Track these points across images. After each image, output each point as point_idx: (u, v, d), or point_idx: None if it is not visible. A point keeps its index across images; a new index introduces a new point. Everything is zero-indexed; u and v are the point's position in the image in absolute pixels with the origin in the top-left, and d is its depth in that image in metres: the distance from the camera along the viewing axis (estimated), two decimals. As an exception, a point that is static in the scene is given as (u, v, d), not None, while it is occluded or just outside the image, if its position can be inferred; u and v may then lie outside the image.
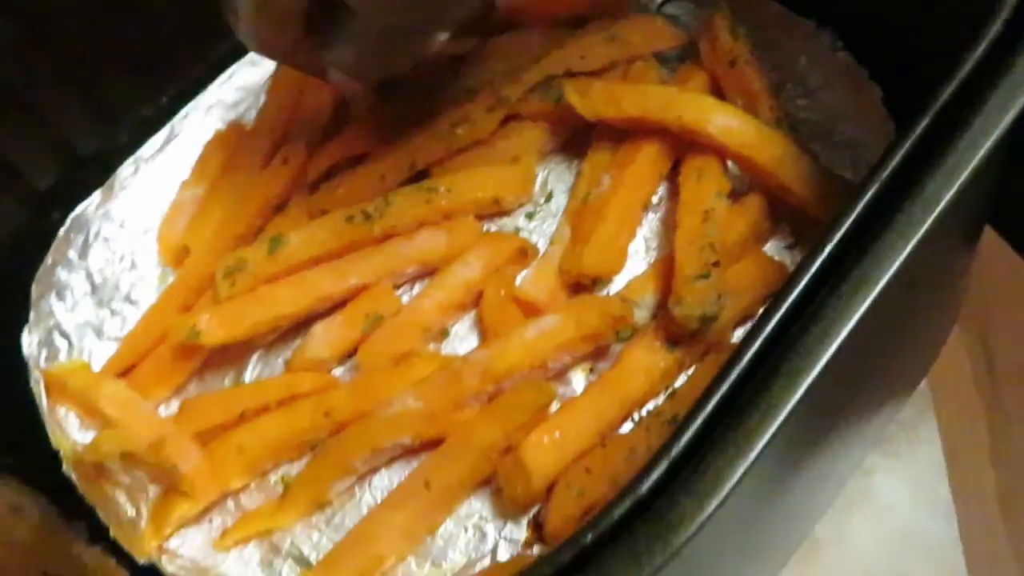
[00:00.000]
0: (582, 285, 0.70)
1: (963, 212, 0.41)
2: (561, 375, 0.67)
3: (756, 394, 0.35)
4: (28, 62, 0.72)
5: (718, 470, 0.34)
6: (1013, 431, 0.76)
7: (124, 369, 0.71)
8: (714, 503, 0.33)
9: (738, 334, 0.68)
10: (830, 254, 0.38)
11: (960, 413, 0.75)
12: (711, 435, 0.36)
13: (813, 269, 0.38)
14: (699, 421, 0.36)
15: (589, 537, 0.35)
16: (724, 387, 0.37)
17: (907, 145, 0.40)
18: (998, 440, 0.74)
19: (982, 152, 0.38)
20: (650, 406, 0.65)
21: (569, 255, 0.69)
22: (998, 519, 0.71)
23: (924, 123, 0.40)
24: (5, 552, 0.48)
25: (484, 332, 0.70)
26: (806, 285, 0.38)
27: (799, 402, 0.34)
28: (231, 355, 0.72)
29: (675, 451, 0.35)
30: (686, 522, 0.33)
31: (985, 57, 0.41)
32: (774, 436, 0.34)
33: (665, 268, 0.67)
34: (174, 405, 0.71)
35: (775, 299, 0.38)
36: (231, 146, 0.78)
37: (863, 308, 0.35)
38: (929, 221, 0.36)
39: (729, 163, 0.70)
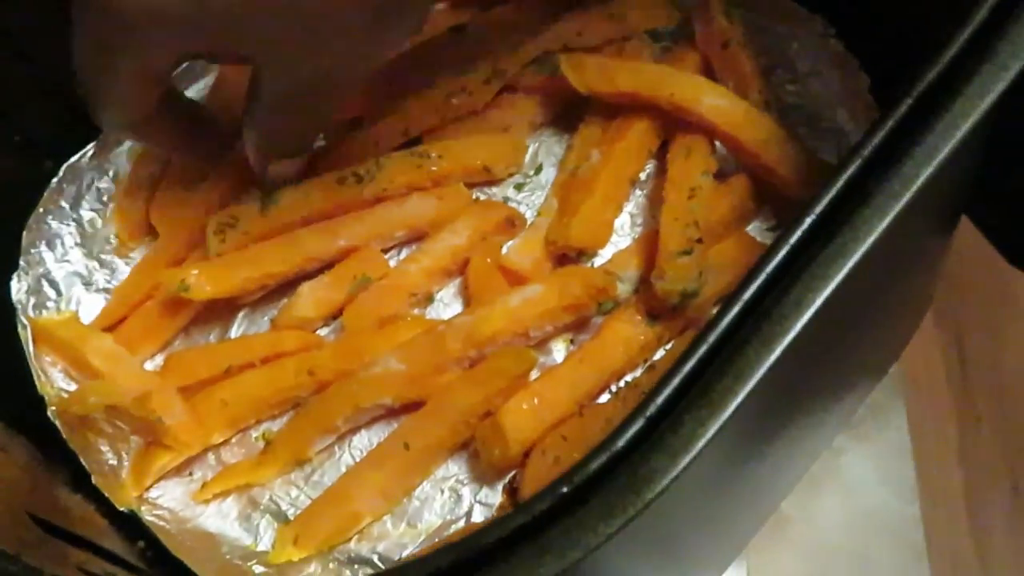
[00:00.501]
0: (567, 257, 0.71)
1: (940, 194, 0.42)
2: (542, 344, 0.68)
3: (729, 358, 0.37)
4: (26, 10, 0.72)
5: (691, 428, 0.35)
6: (982, 431, 0.78)
7: (113, 323, 0.72)
8: (686, 459, 0.34)
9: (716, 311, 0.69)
10: (808, 228, 0.39)
11: (931, 411, 0.77)
12: (686, 396, 0.37)
13: (791, 241, 0.39)
14: (675, 382, 0.37)
15: (564, 488, 0.36)
16: (700, 351, 0.38)
17: (888, 125, 0.41)
18: (967, 440, 0.76)
19: (961, 133, 0.39)
20: (628, 378, 0.67)
21: (556, 226, 0.70)
22: (963, 518, 0.73)
23: (906, 104, 0.41)
24: (-8, 486, 0.49)
25: (469, 299, 0.71)
26: (783, 257, 0.39)
27: (771, 368, 0.36)
28: (217, 312, 0.73)
29: (650, 410, 0.36)
30: (658, 477, 0.34)
31: (969, 42, 0.42)
32: (746, 399, 0.35)
33: (649, 243, 0.69)
34: (159, 360, 0.72)
35: (753, 269, 0.39)
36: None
37: (837, 279, 0.37)
38: (906, 198, 0.37)
39: (717, 144, 0.71)
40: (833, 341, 0.44)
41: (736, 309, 0.38)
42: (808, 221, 0.39)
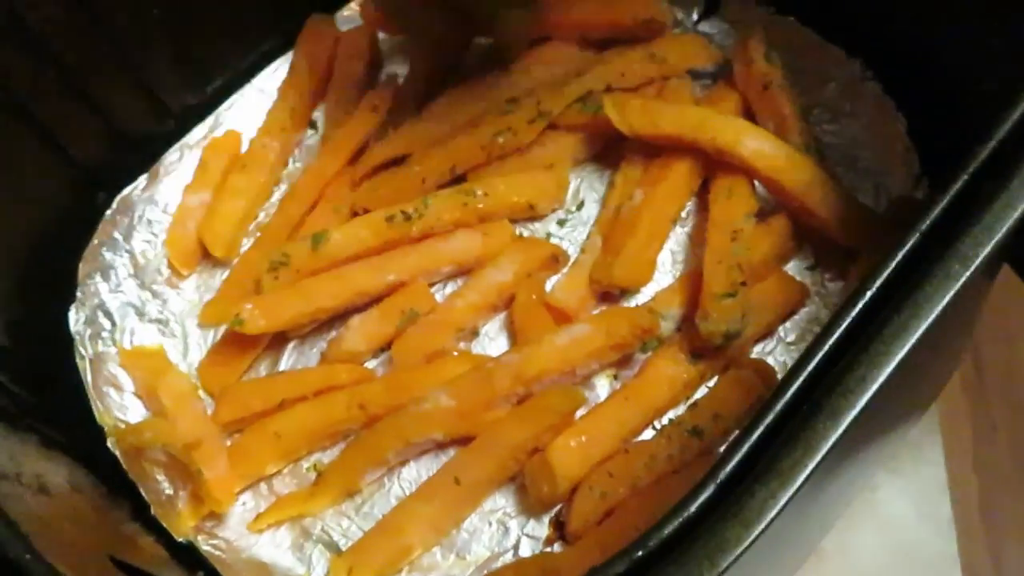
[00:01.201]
0: (610, 294, 0.73)
1: (994, 259, 0.44)
2: (586, 380, 0.70)
3: (797, 431, 0.38)
4: (85, 47, 0.74)
5: (762, 499, 0.37)
6: (998, 438, 0.79)
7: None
8: (758, 529, 0.36)
9: (757, 350, 0.71)
10: (868, 301, 0.41)
11: (949, 420, 0.78)
12: (755, 465, 0.39)
13: (852, 315, 0.41)
14: (744, 449, 0.39)
15: (639, 552, 0.38)
16: (767, 419, 0.40)
17: (945, 201, 0.42)
18: (982, 447, 0.77)
19: (1019, 212, 0.40)
20: (671, 415, 0.69)
21: (600, 265, 0.72)
22: (979, 526, 0.74)
23: (962, 180, 0.43)
24: (73, 530, 0.50)
25: (514, 334, 0.73)
26: (844, 330, 0.41)
27: (839, 438, 0.37)
28: (269, 343, 0.75)
29: (721, 476, 0.38)
30: (731, 546, 0.36)
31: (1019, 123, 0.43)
32: (815, 469, 0.37)
33: (691, 283, 0.70)
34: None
35: (815, 341, 0.41)
36: (229, 152, 0.81)
37: (901, 355, 0.38)
38: (966, 275, 0.39)
39: (756, 183, 0.73)
40: (890, 402, 0.46)
41: (800, 380, 0.40)
42: (868, 295, 0.41)
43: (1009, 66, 0.61)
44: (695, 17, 0.84)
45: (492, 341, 0.74)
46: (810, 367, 0.40)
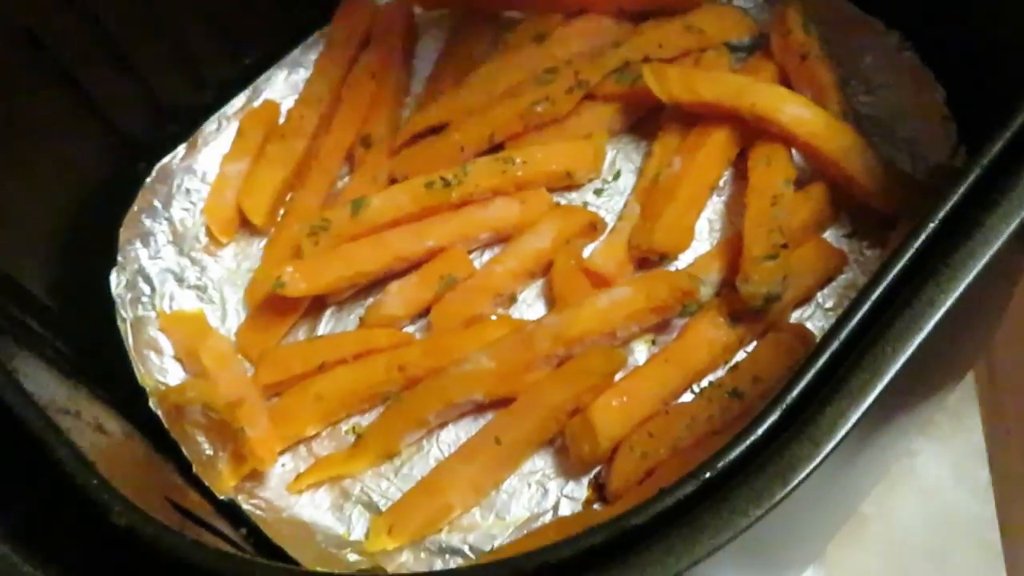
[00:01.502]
0: (649, 260, 0.73)
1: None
2: (624, 344, 0.70)
3: (864, 354, 0.39)
4: (130, 18, 0.74)
5: (832, 419, 0.37)
6: (1012, 442, 0.79)
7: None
8: (828, 447, 0.36)
9: (795, 315, 0.71)
10: (932, 232, 0.41)
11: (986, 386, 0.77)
12: (818, 392, 0.39)
13: (915, 245, 0.41)
14: (810, 374, 0.39)
15: (708, 474, 0.38)
16: (832, 347, 0.40)
17: (988, 158, 0.43)
18: (995, 450, 0.76)
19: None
20: (710, 378, 0.69)
21: (639, 231, 0.72)
22: (991, 508, 0.74)
23: (1005, 138, 0.43)
24: (133, 468, 0.51)
25: (553, 300, 0.73)
26: (909, 260, 0.41)
27: (904, 365, 0.38)
28: (307, 309, 0.75)
29: (788, 400, 0.38)
30: (802, 464, 0.36)
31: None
32: (882, 392, 0.37)
33: (730, 248, 0.71)
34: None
35: (879, 270, 0.41)
36: (267, 122, 0.82)
37: (959, 290, 0.39)
38: (1010, 229, 0.39)
39: (794, 152, 0.73)
40: (944, 345, 0.46)
41: (866, 307, 0.40)
42: (924, 234, 0.41)
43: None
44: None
45: (530, 307, 0.74)
46: (873, 296, 0.41)
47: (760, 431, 0.38)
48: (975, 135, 0.73)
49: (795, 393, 0.39)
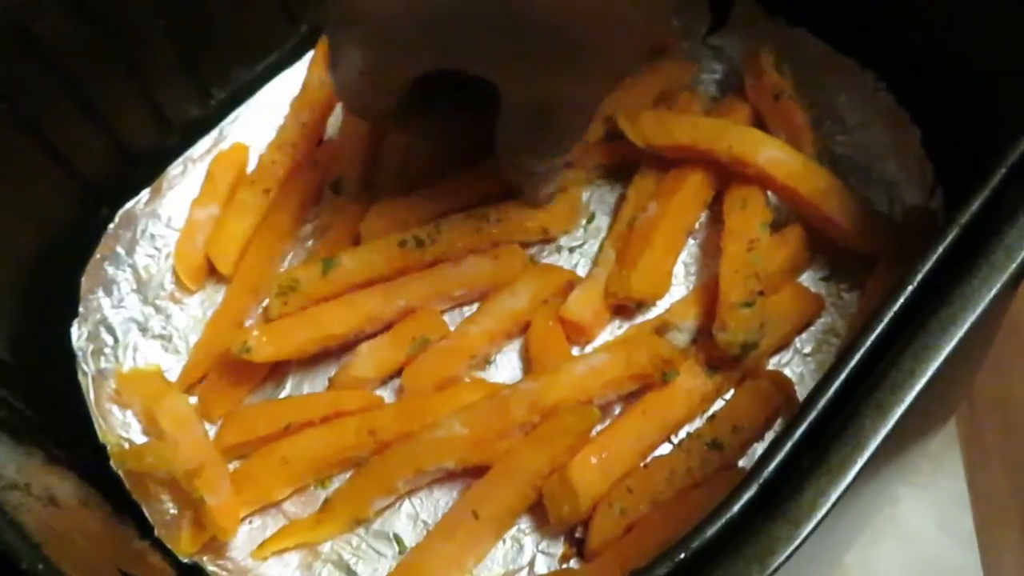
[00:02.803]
0: (625, 307, 0.72)
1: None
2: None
3: (844, 427, 0.37)
4: (91, 58, 0.72)
5: (812, 497, 0.36)
6: (990, 464, 0.78)
7: (193, 382, 0.73)
8: (808, 527, 0.35)
9: (773, 362, 0.70)
10: (912, 292, 0.40)
11: (968, 431, 0.76)
12: (796, 465, 0.38)
13: (894, 309, 0.40)
14: (787, 448, 0.38)
15: (682, 555, 0.36)
16: (809, 417, 0.38)
17: (982, 198, 0.42)
18: (978, 496, 0.75)
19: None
20: (688, 428, 0.67)
21: (615, 278, 0.71)
22: (975, 556, 0.73)
23: (999, 174, 0.42)
24: (85, 543, 0.48)
25: (529, 361, 0.71)
26: (889, 322, 0.40)
27: (889, 432, 0.36)
28: (273, 368, 0.73)
29: (765, 474, 0.37)
30: (781, 546, 0.35)
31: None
32: (864, 465, 0.36)
33: (706, 293, 0.69)
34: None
35: (857, 336, 0.40)
36: (236, 165, 0.80)
37: (950, 346, 0.37)
38: (1012, 267, 0.38)
39: (769, 194, 0.72)
40: (930, 402, 0.45)
41: (843, 376, 0.39)
42: (918, 278, 0.40)
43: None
44: (703, 32, 0.84)
45: (504, 368, 0.72)
46: (852, 363, 0.39)
47: (736, 508, 0.37)
48: (952, 176, 0.72)
49: (772, 467, 0.38)
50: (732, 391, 0.68)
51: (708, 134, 0.71)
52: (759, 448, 0.66)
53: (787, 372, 0.69)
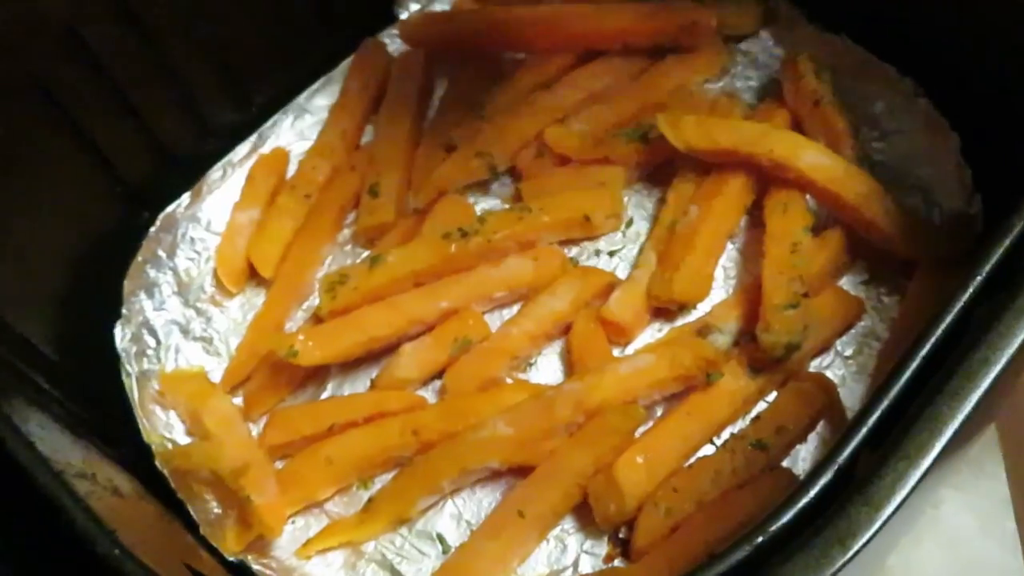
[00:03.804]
0: (666, 309, 0.72)
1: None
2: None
3: (920, 413, 0.37)
4: (135, 64, 0.74)
5: (891, 481, 0.36)
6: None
7: (237, 384, 0.73)
8: (889, 509, 0.35)
9: (814, 364, 0.70)
10: (977, 287, 0.41)
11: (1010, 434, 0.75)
12: (872, 450, 0.38)
13: (964, 298, 0.40)
14: (861, 434, 0.38)
15: (759, 538, 0.37)
16: (883, 405, 0.39)
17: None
18: (1021, 498, 0.74)
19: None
20: (731, 429, 0.67)
21: (658, 280, 0.71)
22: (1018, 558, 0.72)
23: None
24: (149, 532, 0.49)
25: (571, 362, 0.72)
26: (959, 312, 0.40)
27: (965, 419, 0.37)
28: (315, 369, 0.73)
29: (840, 459, 0.37)
30: (863, 527, 0.35)
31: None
32: (941, 451, 0.36)
33: (748, 296, 0.70)
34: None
35: (930, 323, 0.40)
36: (277, 170, 0.81)
37: (1020, 338, 0.38)
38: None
39: (808, 198, 0.73)
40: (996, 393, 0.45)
41: (915, 363, 0.39)
42: (979, 279, 0.41)
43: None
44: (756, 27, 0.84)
45: (545, 369, 0.73)
46: (923, 352, 0.40)
47: (813, 492, 0.37)
48: (990, 182, 0.72)
49: (844, 455, 0.38)
50: (774, 393, 0.68)
51: (749, 138, 0.71)
52: (802, 450, 0.67)
53: (828, 374, 0.69)
